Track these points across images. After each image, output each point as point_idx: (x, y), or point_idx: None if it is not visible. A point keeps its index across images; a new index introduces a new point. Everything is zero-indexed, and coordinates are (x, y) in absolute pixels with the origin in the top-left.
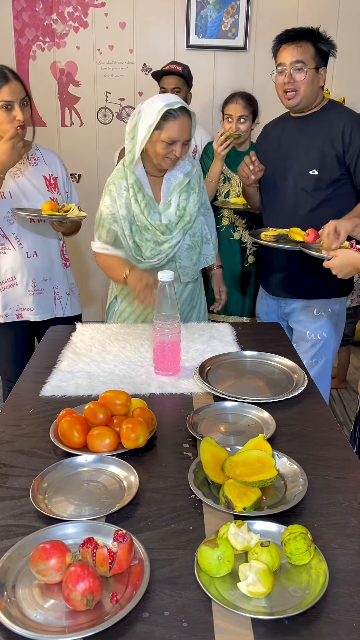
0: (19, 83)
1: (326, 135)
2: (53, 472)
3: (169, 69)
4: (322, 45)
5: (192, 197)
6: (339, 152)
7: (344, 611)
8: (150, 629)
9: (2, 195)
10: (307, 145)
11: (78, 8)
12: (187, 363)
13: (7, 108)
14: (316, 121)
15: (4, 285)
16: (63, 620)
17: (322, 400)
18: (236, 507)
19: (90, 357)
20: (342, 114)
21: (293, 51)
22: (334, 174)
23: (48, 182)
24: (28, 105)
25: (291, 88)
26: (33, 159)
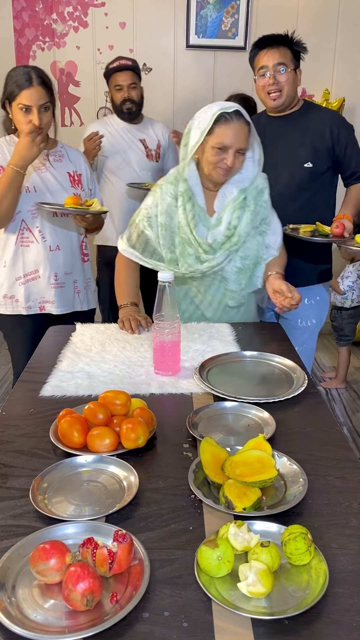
0: (41, 88)
1: (315, 132)
2: (53, 472)
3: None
4: (297, 48)
5: (245, 215)
6: (328, 145)
7: (344, 611)
8: (150, 629)
9: (27, 190)
10: (299, 141)
11: (78, 8)
12: (187, 363)
13: (26, 111)
14: (301, 119)
15: (27, 278)
16: (63, 620)
17: (322, 400)
18: (236, 507)
19: (90, 357)
20: (325, 113)
21: (274, 54)
22: (325, 166)
23: (72, 178)
24: (50, 110)
25: (275, 89)
26: (58, 155)
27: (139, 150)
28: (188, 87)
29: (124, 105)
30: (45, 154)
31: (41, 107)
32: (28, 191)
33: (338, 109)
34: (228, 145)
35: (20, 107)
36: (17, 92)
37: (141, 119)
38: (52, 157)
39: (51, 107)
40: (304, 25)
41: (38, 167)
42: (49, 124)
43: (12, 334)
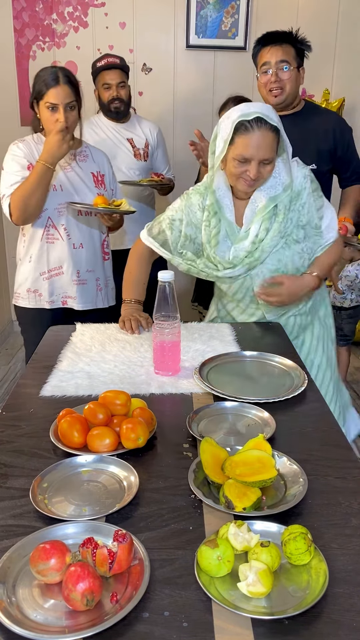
0: (67, 87)
1: (318, 133)
2: (53, 472)
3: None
4: (301, 46)
5: (273, 227)
6: (331, 147)
7: (344, 611)
8: (150, 629)
9: (54, 188)
10: (303, 142)
11: (78, 8)
12: (187, 363)
13: (52, 109)
14: (304, 120)
15: (51, 274)
16: (63, 620)
17: (322, 400)
18: (236, 507)
19: (90, 357)
20: (328, 114)
21: (277, 52)
22: (327, 167)
23: (96, 178)
24: (75, 109)
25: (277, 86)
26: (82, 155)
27: (127, 149)
28: (188, 87)
29: (112, 104)
30: (71, 153)
31: (67, 106)
32: (55, 189)
33: (338, 109)
34: (249, 158)
35: (47, 105)
36: (44, 91)
37: (128, 117)
38: (77, 156)
39: (77, 107)
40: (304, 25)
41: (64, 166)
42: (74, 123)
43: (30, 329)
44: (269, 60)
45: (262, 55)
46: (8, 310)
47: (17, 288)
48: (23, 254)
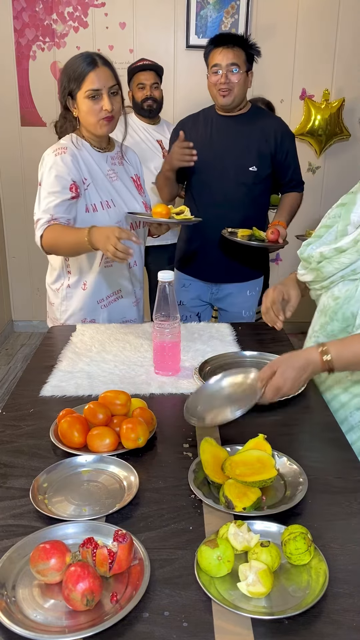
0: (107, 69)
1: (261, 136)
2: (53, 472)
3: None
4: (251, 51)
5: None
6: (272, 151)
7: (344, 611)
8: (150, 629)
9: (108, 205)
10: (246, 144)
11: (78, 8)
12: (187, 363)
13: (94, 98)
14: (249, 122)
15: (109, 300)
16: (63, 620)
17: (322, 400)
18: (236, 507)
19: (90, 357)
20: (272, 119)
21: (228, 54)
22: (268, 171)
23: (136, 183)
24: (119, 94)
25: (226, 87)
26: (119, 157)
27: (156, 150)
28: (188, 87)
29: (146, 103)
30: (111, 157)
31: (110, 91)
32: (109, 206)
33: (338, 109)
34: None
35: (87, 94)
36: (81, 79)
37: (158, 120)
38: (116, 160)
39: (120, 93)
40: (304, 25)
41: (109, 174)
42: (119, 112)
43: None
44: (219, 62)
45: (213, 56)
46: (8, 310)
47: (66, 318)
48: (74, 280)
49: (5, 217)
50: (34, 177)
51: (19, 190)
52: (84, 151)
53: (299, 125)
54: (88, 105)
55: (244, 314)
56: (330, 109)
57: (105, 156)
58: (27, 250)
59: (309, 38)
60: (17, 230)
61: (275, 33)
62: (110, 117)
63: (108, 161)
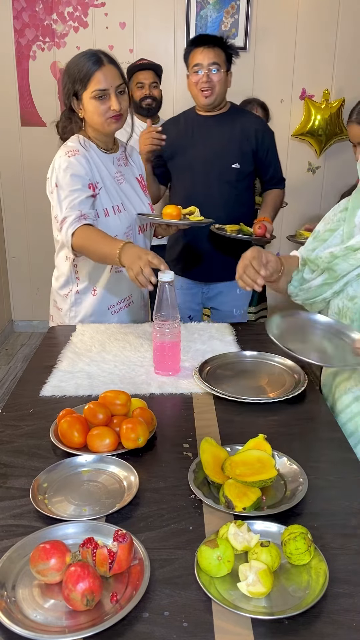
0: (114, 68)
1: (242, 134)
2: (53, 472)
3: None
4: (230, 51)
5: None
6: (253, 148)
7: (344, 611)
8: (150, 629)
9: (118, 209)
10: (228, 142)
11: (78, 8)
12: (187, 363)
13: (102, 98)
14: (229, 121)
15: (120, 306)
16: (63, 620)
17: (322, 400)
18: (236, 507)
19: (90, 357)
20: (252, 117)
21: (209, 54)
22: (250, 167)
23: (141, 184)
24: (125, 93)
25: (208, 87)
26: (123, 158)
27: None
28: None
29: (144, 102)
30: (117, 158)
31: (117, 91)
32: (120, 210)
33: (338, 109)
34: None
35: (94, 94)
36: (87, 79)
37: (158, 120)
38: (122, 161)
39: (127, 92)
40: (304, 25)
41: (117, 177)
42: (127, 111)
43: None
44: (201, 61)
45: (194, 56)
46: (8, 310)
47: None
48: (83, 286)
49: (5, 217)
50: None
51: (19, 190)
52: (92, 153)
53: (299, 125)
54: (95, 105)
55: (235, 312)
56: (330, 109)
57: (111, 158)
58: (27, 250)
59: (309, 38)
60: (17, 230)
61: (275, 33)
62: (119, 115)
63: (115, 163)
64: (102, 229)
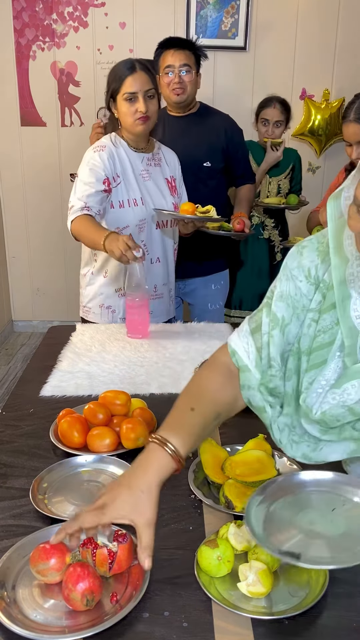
0: (145, 74)
1: (211, 133)
2: (53, 472)
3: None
4: (199, 52)
5: None
6: (223, 146)
7: (344, 611)
8: (150, 629)
9: (135, 202)
10: (198, 141)
11: (78, 8)
12: (187, 363)
13: (131, 100)
14: (199, 120)
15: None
16: (63, 620)
17: None
18: (236, 507)
19: (90, 357)
20: (221, 116)
21: (180, 55)
22: (220, 165)
23: (170, 184)
24: (155, 98)
25: (179, 86)
26: (156, 159)
27: None
28: None
29: None
30: (147, 157)
31: (146, 95)
32: (136, 204)
33: (338, 109)
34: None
35: (125, 97)
36: (120, 83)
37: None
38: (152, 161)
39: (156, 97)
40: (304, 25)
41: (142, 174)
42: (155, 114)
43: None
44: (172, 63)
45: (165, 58)
46: (8, 310)
47: (87, 302)
48: (97, 267)
49: (5, 217)
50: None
51: (19, 190)
52: (120, 150)
53: (299, 125)
54: (125, 106)
55: (210, 307)
56: (330, 109)
57: (141, 156)
58: (27, 250)
59: (309, 38)
60: (17, 230)
61: (275, 33)
62: (146, 118)
63: (144, 161)
64: (115, 218)
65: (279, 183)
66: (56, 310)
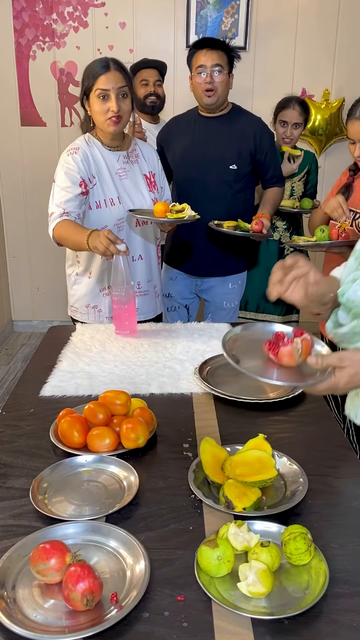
0: (119, 73)
1: (241, 136)
2: (53, 472)
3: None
4: (232, 54)
5: None
6: (251, 150)
7: (344, 611)
8: (150, 629)
9: (112, 202)
10: (226, 144)
11: (78, 8)
12: (187, 363)
13: (104, 98)
14: (229, 122)
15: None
16: (63, 620)
17: (322, 399)
18: (236, 507)
19: (90, 357)
20: (252, 118)
21: (212, 55)
22: (248, 169)
23: (148, 180)
24: (128, 97)
25: (211, 87)
26: (134, 156)
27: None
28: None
29: (148, 99)
30: (123, 156)
31: (119, 93)
32: (113, 204)
33: (338, 109)
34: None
35: (97, 94)
36: (94, 80)
37: (158, 120)
38: (130, 158)
39: (129, 96)
40: (304, 25)
41: (118, 173)
42: (128, 113)
43: None
44: (204, 63)
45: (197, 58)
46: (8, 310)
47: (74, 302)
48: (82, 269)
49: (5, 217)
50: (34, 177)
51: (19, 190)
52: (95, 149)
53: None
54: (98, 104)
55: (225, 305)
56: (330, 109)
57: (117, 155)
58: (27, 250)
59: (309, 38)
60: (17, 230)
61: (275, 33)
62: (118, 117)
63: (120, 160)
64: (92, 219)
65: (293, 185)
66: (56, 310)
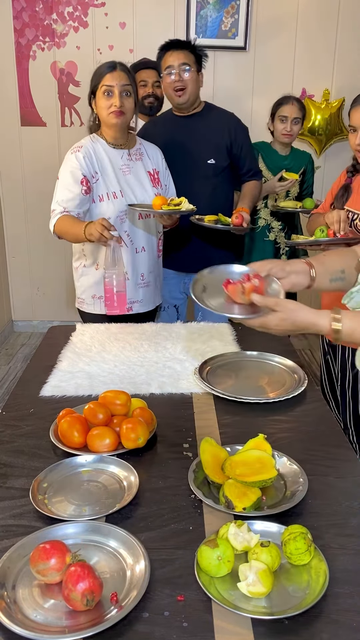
0: (124, 73)
1: (216, 131)
2: (53, 472)
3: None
4: (199, 52)
5: None
6: (227, 144)
7: (344, 611)
8: (150, 629)
9: (114, 196)
10: (202, 139)
11: (78, 8)
12: (187, 363)
13: (108, 94)
14: (204, 120)
15: None
16: (63, 620)
17: (322, 400)
18: (236, 507)
19: (90, 357)
20: (225, 114)
21: (179, 55)
22: (225, 163)
23: (152, 177)
24: (131, 96)
25: (180, 86)
26: (138, 154)
27: None
28: None
29: (147, 100)
30: (127, 153)
31: (123, 91)
32: (115, 197)
33: (338, 109)
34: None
35: (103, 90)
36: (100, 78)
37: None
38: (133, 156)
39: (133, 95)
40: (304, 25)
41: (122, 169)
42: (131, 111)
43: None
44: (172, 63)
45: (165, 60)
46: (8, 310)
47: (80, 293)
48: (89, 261)
49: (6, 217)
50: (33, 177)
51: (19, 190)
52: (98, 147)
53: None
54: (103, 100)
55: None
56: (330, 109)
57: (121, 152)
58: (27, 250)
59: (309, 38)
60: (17, 230)
61: (275, 33)
62: (120, 112)
63: (124, 157)
64: (96, 212)
65: None
66: (56, 310)
